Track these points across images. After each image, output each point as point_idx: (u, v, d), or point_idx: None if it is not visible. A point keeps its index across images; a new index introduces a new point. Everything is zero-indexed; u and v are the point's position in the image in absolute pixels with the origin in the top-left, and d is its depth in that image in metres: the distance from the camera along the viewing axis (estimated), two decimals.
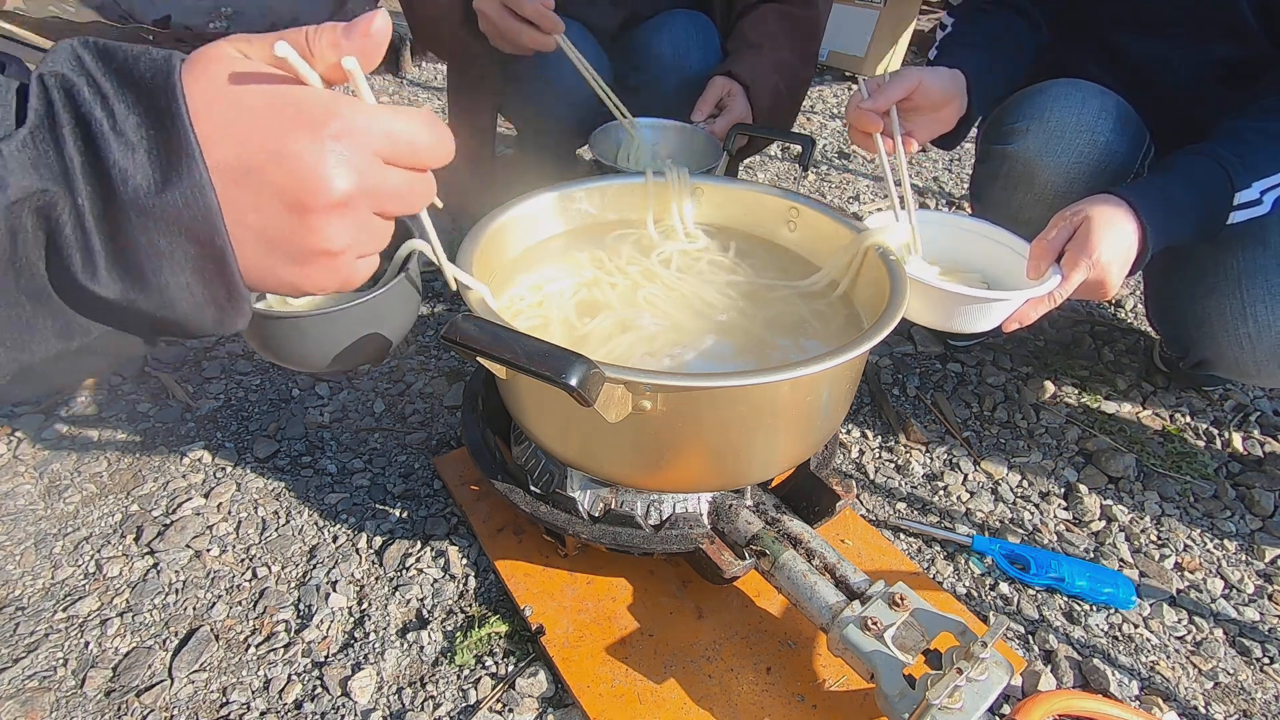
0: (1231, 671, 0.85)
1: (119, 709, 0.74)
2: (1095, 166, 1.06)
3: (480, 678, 0.78)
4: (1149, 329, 1.43)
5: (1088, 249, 0.84)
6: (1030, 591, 0.92)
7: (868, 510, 1.02)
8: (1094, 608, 0.90)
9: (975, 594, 0.91)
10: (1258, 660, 0.86)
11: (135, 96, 0.37)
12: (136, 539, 0.91)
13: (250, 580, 0.87)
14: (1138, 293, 1.55)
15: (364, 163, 0.40)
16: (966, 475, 1.09)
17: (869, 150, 0.93)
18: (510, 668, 0.79)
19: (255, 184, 0.39)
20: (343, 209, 0.40)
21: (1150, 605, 0.91)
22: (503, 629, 0.82)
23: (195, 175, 0.37)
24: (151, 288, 0.38)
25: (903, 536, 0.98)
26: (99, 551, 0.89)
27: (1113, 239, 0.85)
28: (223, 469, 1.01)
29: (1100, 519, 1.03)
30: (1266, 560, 0.99)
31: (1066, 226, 0.86)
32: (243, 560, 0.89)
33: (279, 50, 0.40)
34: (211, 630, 0.81)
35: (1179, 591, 0.94)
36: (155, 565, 0.88)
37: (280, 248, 0.40)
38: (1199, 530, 1.03)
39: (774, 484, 0.88)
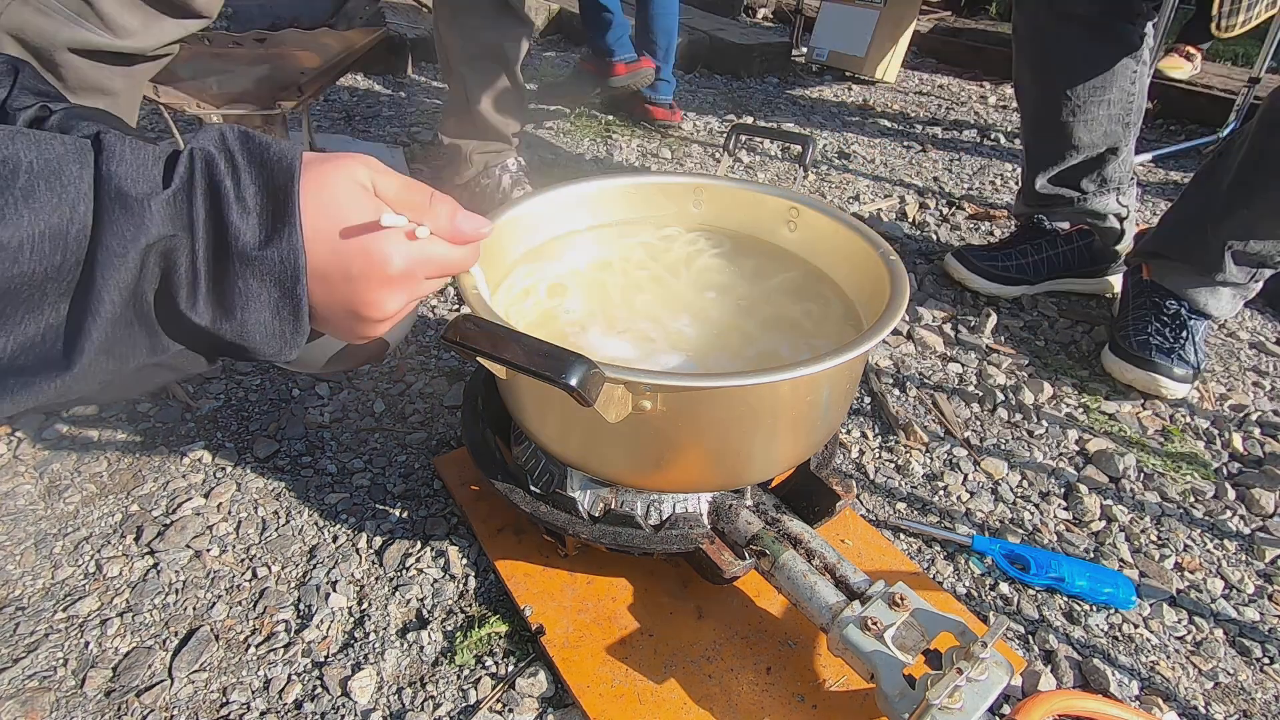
0: (1231, 671, 0.85)
1: (119, 709, 0.74)
2: None
3: (480, 678, 0.78)
4: None
5: None
6: (1030, 591, 0.92)
7: (868, 510, 1.02)
8: (1094, 608, 0.90)
9: (975, 594, 0.91)
10: (1258, 660, 0.86)
11: (259, 173, 0.47)
12: (136, 539, 0.91)
13: (250, 580, 0.87)
14: None
15: (413, 286, 0.55)
16: (966, 475, 1.09)
17: None
18: (510, 668, 0.79)
19: (328, 289, 0.51)
20: (391, 318, 0.55)
21: (1150, 605, 0.91)
22: (503, 629, 0.82)
23: (294, 240, 0.47)
24: (236, 320, 0.48)
25: (903, 536, 0.98)
26: (99, 551, 0.89)
27: None
28: (223, 469, 1.01)
29: (1100, 519, 1.03)
30: (1266, 560, 0.99)
31: None
32: (243, 560, 0.89)
33: (385, 220, 0.51)
34: (211, 630, 0.81)
35: (1179, 591, 0.94)
36: (155, 565, 0.88)
37: (338, 321, 0.54)
38: (1199, 530, 1.03)
39: (774, 484, 0.88)
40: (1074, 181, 1.42)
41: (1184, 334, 1.24)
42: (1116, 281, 1.53)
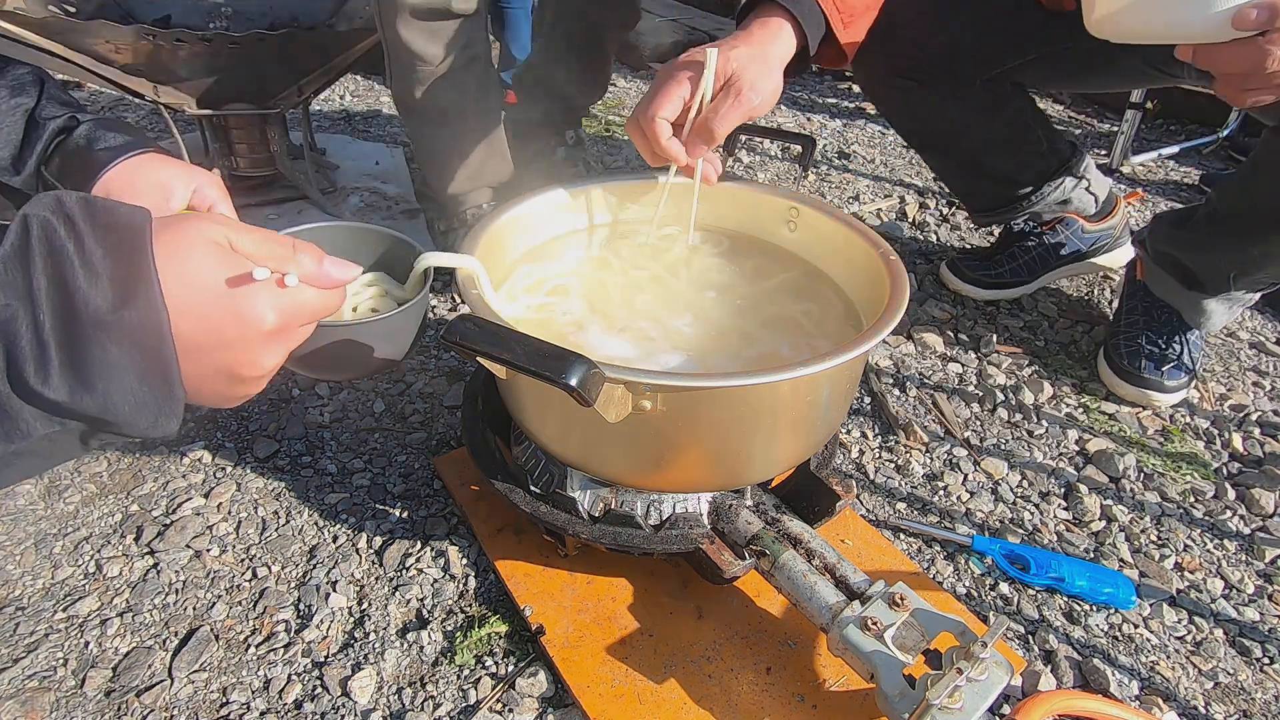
0: (1231, 671, 0.85)
1: (119, 709, 0.74)
2: None
3: (480, 678, 0.78)
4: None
5: None
6: (1030, 591, 0.92)
7: (868, 510, 1.02)
8: (1094, 608, 0.90)
9: (975, 594, 0.91)
10: (1258, 660, 0.86)
11: (105, 235, 0.43)
12: (136, 539, 0.91)
13: (250, 580, 0.87)
14: None
15: (289, 337, 0.53)
16: (966, 475, 1.09)
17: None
18: (510, 668, 0.79)
19: (199, 360, 0.48)
20: (268, 374, 0.53)
21: (1150, 605, 0.91)
22: (503, 629, 0.82)
23: (153, 299, 0.44)
24: (98, 392, 0.43)
25: (903, 536, 0.98)
26: (99, 551, 0.89)
27: None
28: (223, 469, 1.01)
29: (1100, 519, 1.03)
30: (1266, 560, 0.99)
31: None
32: (243, 560, 0.89)
33: (257, 274, 0.48)
34: (211, 630, 0.81)
35: (1179, 591, 0.94)
36: (155, 565, 0.88)
37: (214, 387, 0.50)
38: (1199, 530, 1.03)
39: (774, 484, 0.88)
40: (1008, 200, 1.41)
41: (1176, 343, 1.23)
42: (1122, 255, 1.51)
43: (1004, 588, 0.92)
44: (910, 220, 1.83)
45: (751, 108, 0.79)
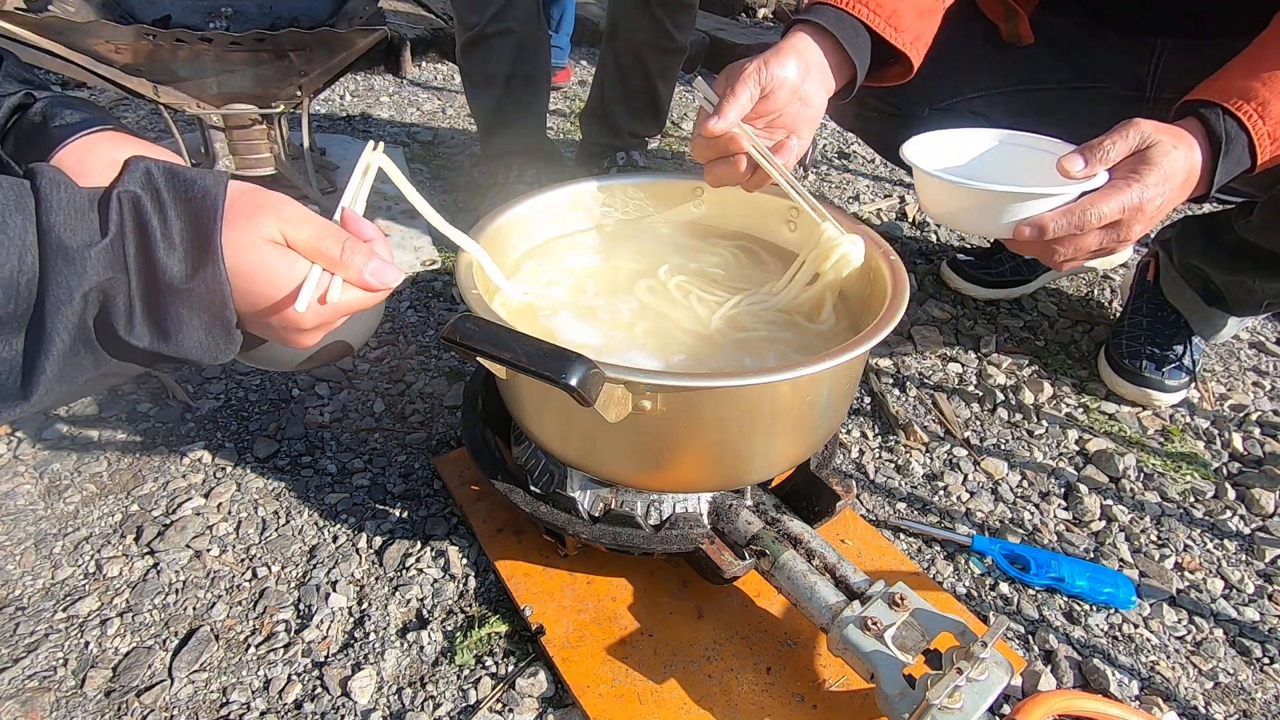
0: (1231, 671, 0.85)
1: (119, 709, 0.74)
2: None
3: (480, 678, 0.78)
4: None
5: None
6: (1030, 591, 0.92)
7: (868, 510, 1.02)
8: (1094, 608, 0.90)
9: (975, 594, 0.91)
10: (1258, 660, 0.86)
11: (185, 209, 0.51)
12: (136, 539, 0.91)
13: (250, 580, 0.87)
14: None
15: (329, 327, 0.60)
16: (966, 475, 1.09)
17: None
18: (510, 668, 0.79)
19: (251, 320, 0.56)
20: (309, 332, 0.59)
21: (1150, 605, 0.91)
22: (503, 629, 0.82)
23: (217, 273, 0.51)
24: (172, 342, 0.52)
25: (903, 536, 0.98)
26: (99, 551, 0.89)
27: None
28: (223, 469, 1.01)
29: (1100, 519, 1.03)
30: (1266, 560, 0.99)
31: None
32: (243, 560, 0.89)
33: (299, 307, 0.55)
34: (211, 630, 0.81)
35: (1179, 591, 0.94)
36: (155, 565, 0.88)
37: (266, 327, 0.58)
38: (1199, 530, 1.03)
39: (774, 484, 0.88)
40: None
41: (1179, 347, 1.23)
42: (1120, 256, 1.50)
43: (1004, 588, 0.92)
44: (910, 220, 1.83)
45: (752, 89, 0.79)
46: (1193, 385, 1.27)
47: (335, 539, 0.92)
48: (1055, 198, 0.76)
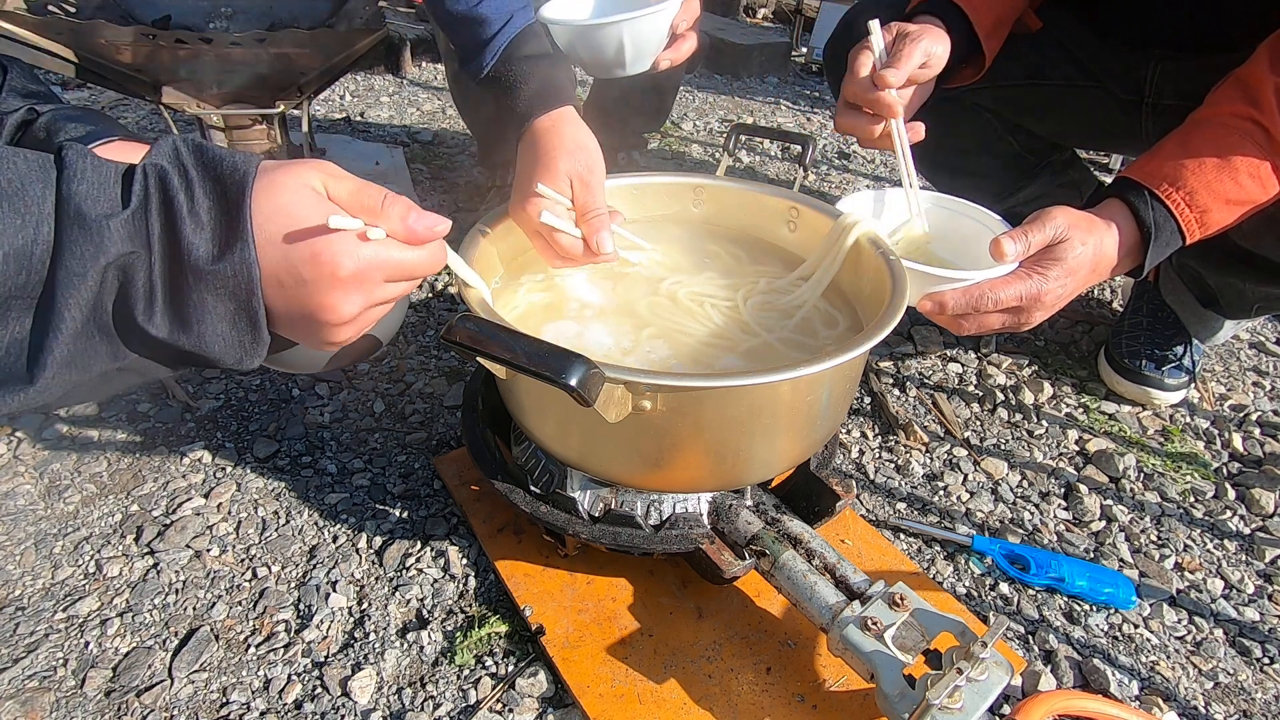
0: (1231, 671, 0.85)
1: (119, 709, 0.74)
2: None
3: (480, 678, 0.78)
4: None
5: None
6: (1030, 591, 0.92)
7: (868, 510, 1.02)
8: (1094, 608, 0.90)
9: (975, 594, 0.91)
10: (1258, 660, 0.86)
11: (213, 186, 0.48)
12: (136, 539, 0.91)
13: (250, 580, 0.87)
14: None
15: (369, 289, 0.54)
16: (966, 475, 1.09)
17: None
18: (510, 668, 0.79)
19: (284, 294, 0.51)
20: (351, 321, 0.54)
21: (1150, 605, 0.91)
22: (503, 629, 0.82)
23: (247, 254, 0.48)
24: (194, 333, 0.49)
25: (903, 536, 0.98)
26: (99, 551, 0.89)
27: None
28: (223, 469, 1.01)
29: (1100, 519, 1.03)
30: (1266, 560, 0.99)
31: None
32: (243, 560, 0.89)
33: (332, 222, 0.50)
34: (211, 630, 0.81)
35: (1179, 591, 0.94)
36: (155, 565, 0.88)
37: (300, 327, 0.54)
38: (1199, 530, 1.03)
39: (774, 484, 0.88)
40: (990, 196, 1.39)
41: (1178, 347, 1.23)
42: None
43: (1004, 588, 0.92)
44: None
45: (927, 51, 0.83)
46: (1192, 385, 1.27)
47: (335, 539, 0.92)
48: (960, 282, 0.82)
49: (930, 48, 0.85)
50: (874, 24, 0.86)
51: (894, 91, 0.84)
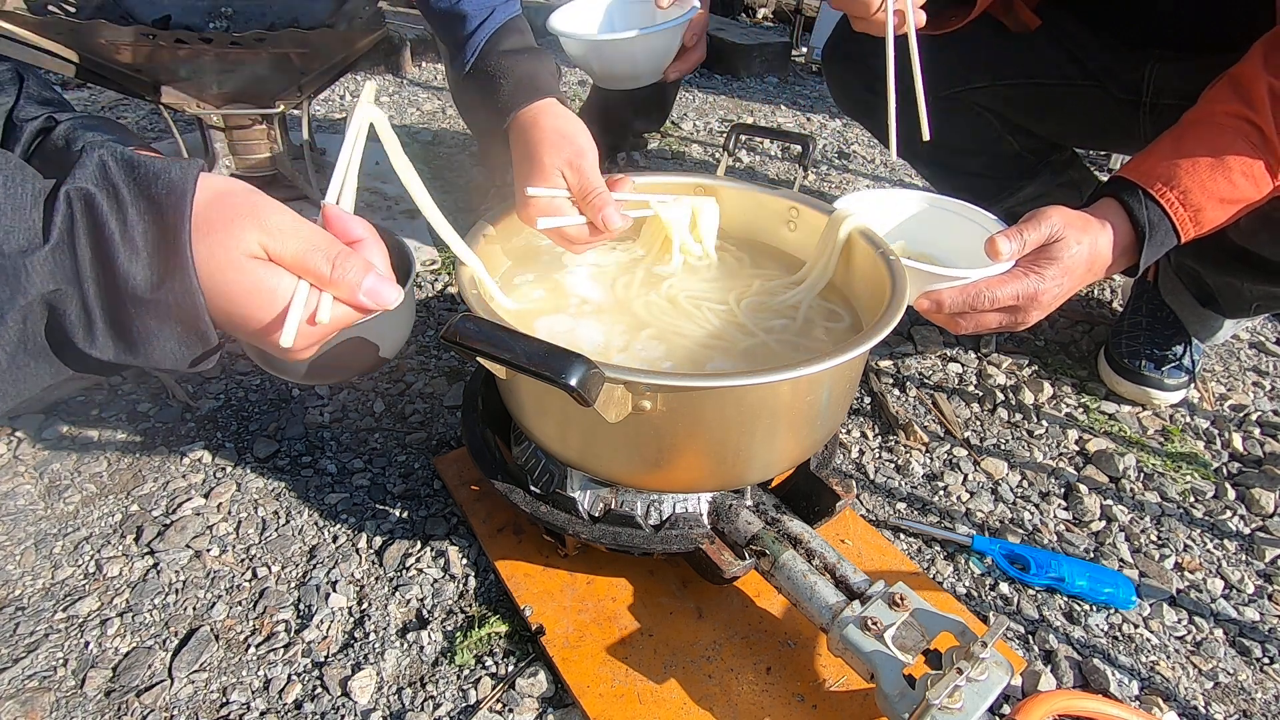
0: (1231, 671, 0.85)
1: (119, 709, 0.74)
2: None
3: (480, 678, 0.78)
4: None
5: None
6: (1030, 591, 0.92)
7: (868, 510, 1.02)
8: (1094, 608, 0.90)
9: (975, 594, 0.91)
10: (1258, 660, 0.86)
11: (148, 207, 0.44)
12: (136, 539, 0.91)
13: (250, 580, 0.87)
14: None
15: (321, 345, 0.53)
16: (966, 475, 1.09)
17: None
18: (510, 668, 0.79)
19: (235, 327, 0.49)
20: (304, 359, 0.54)
21: (1150, 605, 0.91)
22: (503, 629, 0.82)
23: (188, 282, 0.44)
24: (141, 354, 0.46)
25: (903, 536, 0.98)
26: (99, 551, 0.89)
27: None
28: (223, 469, 1.01)
29: (1100, 519, 1.03)
30: (1266, 560, 0.99)
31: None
32: (243, 560, 0.89)
33: (284, 341, 0.49)
34: (211, 630, 0.81)
35: (1179, 591, 0.94)
36: (155, 565, 0.88)
37: (249, 343, 0.54)
38: (1199, 530, 1.03)
39: (774, 484, 0.88)
40: (988, 195, 1.39)
41: (1178, 347, 1.23)
42: None
43: (1004, 588, 0.92)
44: None
45: None
46: (1192, 385, 1.27)
47: (335, 539, 0.92)
48: (957, 280, 0.82)
49: None
50: None
51: None
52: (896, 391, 1.24)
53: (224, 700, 0.75)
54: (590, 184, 0.79)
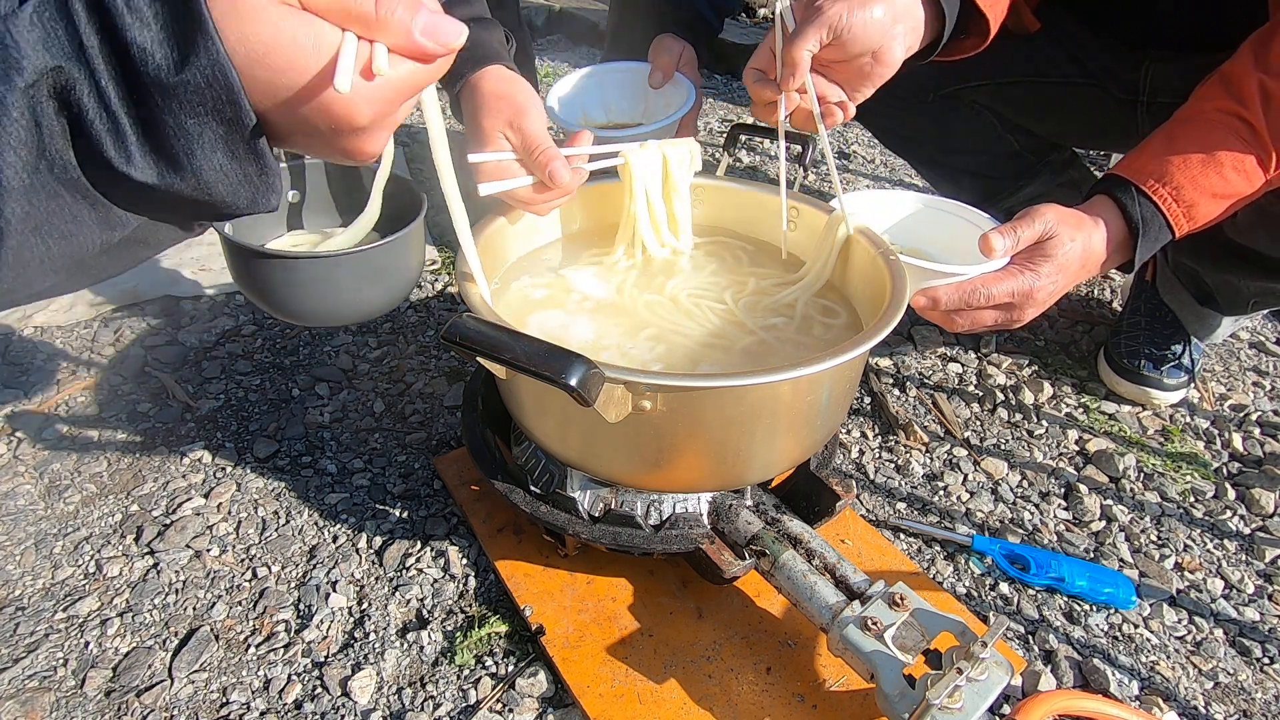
0: (1231, 671, 0.85)
1: (119, 709, 0.74)
2: None
3: (480, 678, 0.78)
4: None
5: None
6: (1030, 591, 0.92)
7: (868, 510, 1.02)
8: (1094, 608, 0.90)
9: (975, 594, 0.91)
10: (1258, 660, 0.86)
11: None
12: (136, 539, 0.91)
13: (250, 580, 0.87)
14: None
15: (392, 121, 0.45)
16: (966, 475, 1.09)
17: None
18: (510, 668, 0.79)
19: (292, 128, 0.41)
20: (378, 143, 0.45)
21: (1150, 605, 0.91)
22: (503, 629, 0.82)
23: (213, 53, 0.36)
24: (188, 171, 0.38)
25: (903, 536, 0.98)
26: (99, 551, 0.89)
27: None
28: (223, 469, 1.01)
29: (1100, 519, 1.03)
30: (1266, 560, 0.99)
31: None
32: (243, 560, 0.89)
33: (339, 85, 0.40)
34: (211, 630, 0.81)
35: (1179, 591, 0.94)
36: (155, 565, 0.88)
37: (309, 132, 0.42)
38: (1199, 530, 1.03)
39: (774, 484, 0.88)
40: (987, 195, 1.40)
41: (1177, 346, 1.23)
42: None
43: (1004, 588, 0.92)
44: None
45: (833, 24, 0.76)
46: (1192, 385, 1.27)
47: (335, 539, 0.92)
48: (953, 277, 0.83)
49: (858, 15, 0.77)
50: (779, 9, 0.81)
51: (806, 54, 0.78)
52: (896, 391, 1.24)
53: (224, 700, 0.75)
54: (533, 141, 0.76)
